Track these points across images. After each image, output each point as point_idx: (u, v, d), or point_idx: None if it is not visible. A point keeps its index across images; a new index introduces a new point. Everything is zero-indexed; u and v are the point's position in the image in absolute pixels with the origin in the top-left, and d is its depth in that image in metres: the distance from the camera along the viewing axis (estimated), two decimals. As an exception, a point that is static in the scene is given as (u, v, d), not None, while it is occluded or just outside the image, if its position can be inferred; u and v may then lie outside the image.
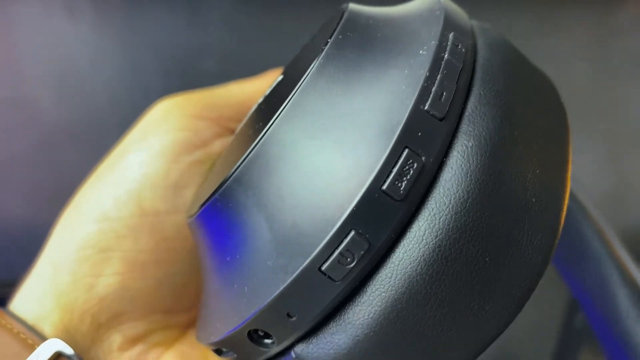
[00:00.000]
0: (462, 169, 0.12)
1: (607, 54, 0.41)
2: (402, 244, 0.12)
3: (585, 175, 0.43)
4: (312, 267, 0.12)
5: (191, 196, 0.19)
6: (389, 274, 0.12)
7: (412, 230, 0.12)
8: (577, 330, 0.45)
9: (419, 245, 0.12)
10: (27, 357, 0.17)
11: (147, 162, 0.19)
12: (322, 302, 0.12)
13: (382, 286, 0.12)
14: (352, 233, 0.12)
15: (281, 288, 0.12)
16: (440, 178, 0.12)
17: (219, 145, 0.20)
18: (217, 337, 0.14)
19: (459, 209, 0.12)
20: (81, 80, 0.38)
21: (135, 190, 0.19)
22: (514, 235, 0.12)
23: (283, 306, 0.13)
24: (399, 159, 0.12)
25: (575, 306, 0.45)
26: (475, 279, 0.12)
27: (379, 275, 0.12)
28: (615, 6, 0.40)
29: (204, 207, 0.14)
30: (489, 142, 0.12)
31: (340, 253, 0.12)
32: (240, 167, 0.13)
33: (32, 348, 0.17)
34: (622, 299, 0.20)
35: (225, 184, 0.14)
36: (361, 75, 0.13)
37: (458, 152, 0.12)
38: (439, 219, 0.12)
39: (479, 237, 0.12)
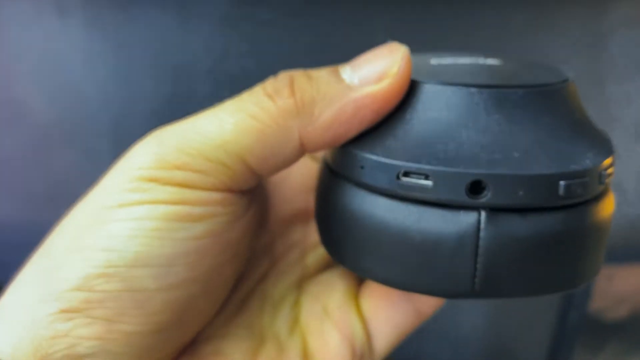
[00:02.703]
0: (599, 211, 0.18)
1: (603, 52, 0.42)
2: (591, 207, 0.18)
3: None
4: (553, 176, 0.16)
5: (184, 273, 0.18)
6: (580, 212, 0.17)
7: (593, 205, 0.18)
8: (571, 326, 0.45)
9: (594, 215, 0.18)
10: None
11: (136, 238, 0.18)
12: (536, 202, 0.16)
13: (574, 214, 0.17)
14: (596, 175, 0.17)
15: (532, 172, 0.16)
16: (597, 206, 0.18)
17: (217, 198, 0.18)
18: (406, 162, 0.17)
19: (600, 218, 0.18)
20: (72, 80, 0.38)
21: (122, 266, 0.18)
22: (604, 242, 0.19)
23: (551, 181, 0.16)
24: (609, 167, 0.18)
25: (570, 303, 0.45)
26: (599, 242, 0.19)
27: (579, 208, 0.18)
28: (612, 3, 0.40)
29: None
30: (603, 213, 0.19)
31: (581, 182, 0.17)
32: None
33: None
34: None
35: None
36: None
37: (598, 201, 0.18)
38: (596, 215, 0.18)
39: (603, 231, 0.19)
